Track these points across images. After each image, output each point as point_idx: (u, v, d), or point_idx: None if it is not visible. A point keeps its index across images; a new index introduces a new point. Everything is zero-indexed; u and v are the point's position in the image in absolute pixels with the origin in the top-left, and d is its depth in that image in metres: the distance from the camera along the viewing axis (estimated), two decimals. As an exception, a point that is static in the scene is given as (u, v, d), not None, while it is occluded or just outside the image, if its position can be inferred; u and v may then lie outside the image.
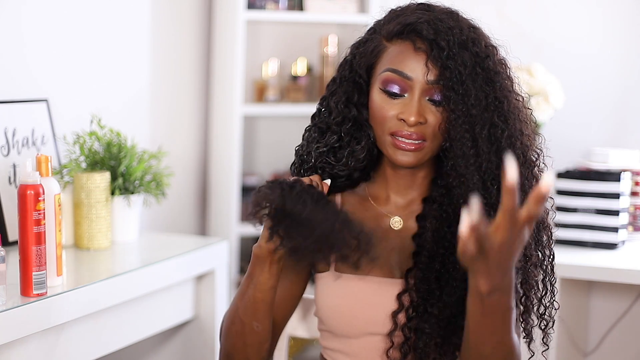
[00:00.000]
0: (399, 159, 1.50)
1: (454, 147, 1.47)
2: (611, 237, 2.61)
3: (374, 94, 1.52)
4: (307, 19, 3.24)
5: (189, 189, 3.17)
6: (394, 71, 1.49)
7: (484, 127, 1.47)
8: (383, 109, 1.50)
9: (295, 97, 3.28)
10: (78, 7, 2.58)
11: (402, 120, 1.49)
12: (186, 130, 3.15)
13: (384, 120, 1.50)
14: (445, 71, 1.47)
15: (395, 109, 1.49)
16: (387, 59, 1.51)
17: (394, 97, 1.50)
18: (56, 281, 1.89)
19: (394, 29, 1.51)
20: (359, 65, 1.55)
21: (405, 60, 1.49)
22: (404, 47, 1.50)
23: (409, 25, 1.50)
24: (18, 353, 1.79)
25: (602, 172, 2.63)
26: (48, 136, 2.36)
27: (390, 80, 1.49)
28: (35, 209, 1.76)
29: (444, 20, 1.49)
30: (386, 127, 1.50)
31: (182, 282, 2.32)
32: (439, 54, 1.47)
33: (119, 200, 2.31)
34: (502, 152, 1.47)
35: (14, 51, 2.37)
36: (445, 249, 1.50)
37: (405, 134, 1.49)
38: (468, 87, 1.47)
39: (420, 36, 1.48)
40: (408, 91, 1.49)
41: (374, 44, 1.54)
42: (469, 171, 1.46)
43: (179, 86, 3.11)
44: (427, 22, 1.49)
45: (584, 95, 3.01)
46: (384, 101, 1.50)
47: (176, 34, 3.08)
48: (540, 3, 3.09)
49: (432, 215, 1.52)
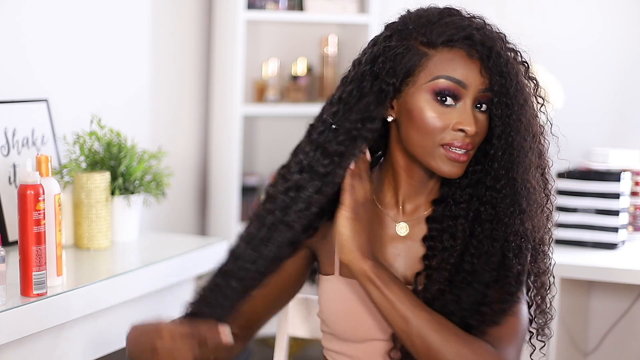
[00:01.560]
0: (448, 170, 1.46)
1: (508, 153, 1.45)
2: (611, 237, 2.61)
3: (420, 101, 1.45)
4: (307, 19, 3.24)
5: (189, 189, 3.17)
6: (449, 78, 1.43)
7: (534, 134, 1.47)
8: (437, 119, 1.44)
9: (295, 97, 3.28)
10: (78, 7, 2.58)
11: (459, 131, 1.44)
12: (186, 130, 3.15)
13: (436, 130, 1.44)
14: (501, 79, 1.44)
15: (451, 119, 1.44)
16: (435, 66, 1.44)
17: (447, 106, 1.44)
18: (56, 281, 1.89)
19: (439, 36, 1.44)
20: (390, 73, 1.46)
21: (459, 67, 1.43)
22: (455, 54, 1.44)
23: (459, 31, 1.44)
24: (18, 353, 1.79)
25: (602, 172, 2.63)
26: (48, 136, 2.36)
27: (445, 87, 1.43)
28: (35, 209, 1.76)
29: (487, 27, 1.47)
30: (438, 137, 1.44)
31: (182, 282, 2.32)
32: (497, 61, 1.43)
33: (119, 200, 2.31)
34: (541, 157, 1.50)
35: (14, 51, 2.37)
36: (474, 247, 1.49)
37: (463, 145, 1.44)
38: (525, 95, 1.46)
39: (473, 43, 1.43)
40: (461, 99, 1.44)
41: (409, 50, 1.45)
42: (519, 175, 1.46)
43: (179, 86, 3.11)
44: (476, 29, 1.44)
45: (584, 95, 3.01)
46: (436, 110, 1.44)
47: (176, 34, 3.08)
48: (540, 3, 3.09)
49: (451, 216, 1.51)
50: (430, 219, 1.53)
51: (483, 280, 1.47)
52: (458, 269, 1.48)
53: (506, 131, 1.45)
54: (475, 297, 1.47)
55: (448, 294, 1.48)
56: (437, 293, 1.48)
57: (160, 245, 2.41)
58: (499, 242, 1.48)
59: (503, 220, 1.46)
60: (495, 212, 1.47)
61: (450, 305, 1.47)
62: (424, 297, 1.48)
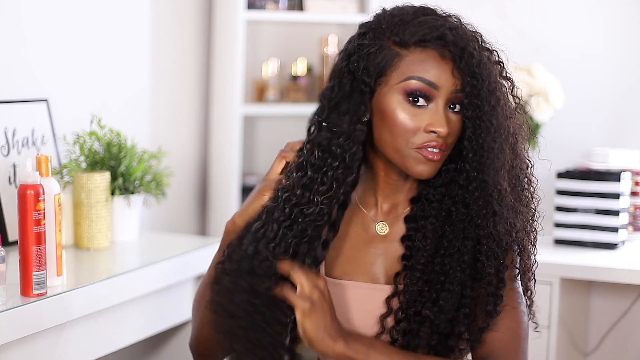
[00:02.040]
0: (421, 171, 1.46)
1: (478, 155, 1.44)
2: (611, 237, 2.61)
3: (392, 102, 1.44)
4: (307, 19, 3.24)
5: (189, 189, 3.17)
6: (421, 79, 1.42)
7: (507, 135, 1.46)
8: (409, 120, 1.43)
9: (295, 97, 3.28)
10: (78, 7, 2.58)
11: (431, 132, 1.43)
12: (186, 130, 3.15)
13: (408, 132, 1.43)
14: (473, 80, 1.42)
15: (423, 120, 1.43)
16: (407, 67, 1.43)
17: (419, 107, 1.43)
18: (56, 281, 1.89)
19: (412, 36, 1.43)
20: (366, 73, 1.45)
21: (431, 68, 1.42)
22: (428, 54, 1.43)
23: (431, 32, 1.43)
24: (18, 353, 1.79)
25: (602, 172, 2.63)
26: (48, 136, 2.36)
27: (417, 89, 1.42)
28: (35, 209, 1.76)
29: (461, 27, 1.45)
30: (411, 139, 1.44)
31: (182, 282, 2.32)
32: (469, 62, 1.42)
33: (119, 200, 2.31)
34: (518, 157, 1.48)
35: (14, 51, 2.37)
36: (444, 248, 1.49)
37: (435, 145, 1.44)
38: (497, 96, 1.45)
39: (445, 44, 1.42)
40: (433, 100, 1.43)
41: (382, 50, 1.45)
42: (490, 177, 1.45)
43: (179, 86, 3.11)
44: (449, 29, 1.43)
45: (584, 95, 3.01)
46: (408, 111, 1.43)
47: (176, 34, 3.08)
48: (540, 3, 3.09)
49: (424, 215, 1.51)
50: (408, 218, 1.53)
51: (456, 280, 1.46)
52: (432, 269, 1.48)
53: (476, 133, 1.44)
54: (453, 298, 1.46)
55: (427, 295, 1.47)
56: (417, 294, 1.47)
57: (160, 245, 2.41)
58: (471, 242, 1.47)
59: (475, 221, 1.46)
60: (467, 212, 1.47)
61: (432, 307, 1.46)
62: (405, 298, 1.48)
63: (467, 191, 1.46)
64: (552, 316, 2.52)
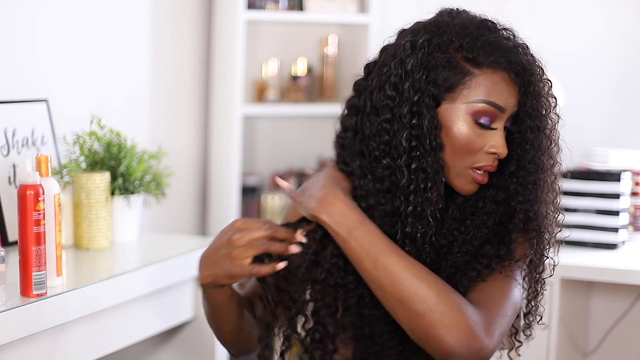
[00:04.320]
0: (469, 189, 1.47)
1: (523, 174, 1.47)
2: (611, 237, 2.61)
3: (459, 120, 1.43)
4: (307, 19, 3.24)
5: (189, 189, 3.17)
6: (493, 104, 1.43)
7: (550, 157, 1.50)
8: (473, 142, 1.43)
9: (295, 97, 3.28)
10: (78, 7, 2.58)
11: (491, 154, 1.45)
12: (186, 130, 3.15)
13: (470, 152, 1.44)
14: (534, 102, 1.44)
15: (485, 142, 1.44)
16: (478, 88, 1.42)
17: (483, 128, 1.44)
18: (56, 281, 1.89)
19: (486, 57, 1.42)
20: (434, 85, 1.43)
21: (502, 92, 1.43)
22: (500, 77, 1.43)
23: (505, 54, 1.43)
24: (18, 353, 1.79)
25: (602, 172, 2.63)
26: (48, 136, 2.36)
27: (486, 112, 1.43)
28: (35, 209, 1.76)
29: (525, 45, 1.47)
30: (471, 159, 1.45)
31: (182, 282, 2.32)
32: (534, 85, 1.44)
33: (119, 200, 2.31)
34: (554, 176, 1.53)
35: (14, 51, 2.37)
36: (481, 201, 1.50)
37: (492, 167, 1.46)
38: (548, 119, 1.48)
39: (516, 67, 1.43)
40: (496, 122, 1.45)
41: (450, 64, 1.42)
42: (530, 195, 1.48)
43: (179, 86, 3.11)
44: (519, 48, 1.45)
45: (584, 95, 3.01)
46: (474, 132, 1.43)
47: (176, 34, 3.08)
48: (540, 3, 3.09)
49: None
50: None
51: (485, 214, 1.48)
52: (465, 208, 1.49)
53: (537, 153, 1.47)
54: (469, 246, 1.48)
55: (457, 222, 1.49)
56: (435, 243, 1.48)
57: (160, 245, 2.41)
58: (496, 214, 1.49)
59: (515, 197, 1.47)
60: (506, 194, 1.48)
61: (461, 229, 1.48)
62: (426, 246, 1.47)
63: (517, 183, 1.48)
64: (552, 316, 2.52)
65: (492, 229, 1.49)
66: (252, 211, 3.24)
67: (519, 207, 1.47)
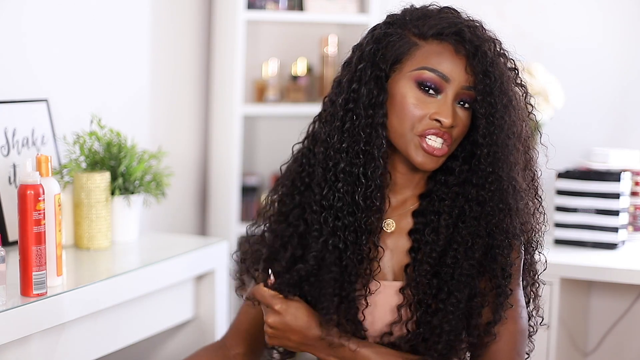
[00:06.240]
0: (421, 161, 1.49)
1: (492, 151, 1.47)
2: (611, 237, 2.61)
3: (403, 88, 1.49)
4: (307, 19, 3.24)
5: (189, 189, 3.17)
6: (433, 70, 1.47)
7: (520, 134, 1.49)
8: (416, 107, 1.48)
9: (295, 97, 3.28)
10: (78, 7, 2.58)
11: (435, 121, 1.47)
12: (186, 130, 3.15)
13: (414, 118, 1.48)
14: (485, 78, 1.46)
15: (429, 108, 1.47)
16: (421, 57, 1.48)
17: (428, 95, 1.47)
18: (56, 281, 1.89)
19: (431, 28, 1.48)
20: (383, 59, 1.50)
21: (445, 61, 1.47)
22: (443, 48, 1.48)
23: (450, 27, 1.47)
24: (18, 353, 1.79)
25: (602, 172, 2.63)
26: (48, 136, 2.36)
27: (428, 79, 1.47)
28: (35, 209, 1.76)
29: (480, 29, 1.49)
30: (416, 125, 1.48)
31: (182, 282, 2.32)
32: (482, 60, 1.46)
33: (119, 200, 2.31)
34: (528, 159, 1.53)
35: (14, 51, 2.37)
36: (457, 243, 1.50)
37: (438, 133, 1.47)
38: (510, 96, 1.48)
39: (462, 40, 1.47)
40: (442, 92, 1.47)
41: (401, 39, 1.50)
42: (504, 172, 1.48)
43: (179, 86, 3.11)
44: (468, 27, 1.48)
45: (584, 95, 3.01)
46: (418, 99, 1.48)
47: (176, 34, 3.08)
48: (540, 3, 3.09)
49: (435, 211, 1.52)
50: (416, 213, 1.55)
51: (465, 272, 1.48)
52: (444, 261, 1.50)
53: (490, 129, 1.47)
54: (464, 289, 1.48)
55: (436, 287, 1.49)
56: (426, 287, 1.49)
57: (160, 245, 2.41)
58: (482, 239, 1.49)
59: (490, 218, 1.48)
60: (481, 210, 1.49)
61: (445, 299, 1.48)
62: (416, 293, 1.49)
63: (482, 188, 1.49)
64: (552, 316, 2.52)
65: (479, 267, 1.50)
66: (252, 211, 3.24)
67: (496, 229, 1.49)
